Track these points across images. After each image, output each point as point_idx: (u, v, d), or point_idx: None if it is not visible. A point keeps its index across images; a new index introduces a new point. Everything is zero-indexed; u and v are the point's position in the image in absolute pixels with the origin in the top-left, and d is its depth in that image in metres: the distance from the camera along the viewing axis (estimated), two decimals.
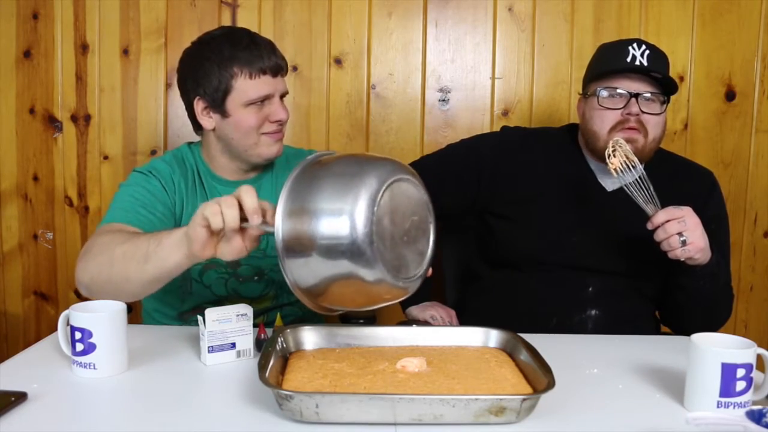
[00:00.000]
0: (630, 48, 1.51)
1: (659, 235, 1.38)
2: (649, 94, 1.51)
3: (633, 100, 1.50)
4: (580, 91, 1.65)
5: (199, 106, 1.48)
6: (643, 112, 1.51)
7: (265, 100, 1.46)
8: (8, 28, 2.10)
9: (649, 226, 1.38)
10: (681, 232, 1.36)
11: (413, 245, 1.11)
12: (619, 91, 1.51)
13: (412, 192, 1.11)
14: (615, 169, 1.42)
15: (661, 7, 2.08)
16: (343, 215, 1.01)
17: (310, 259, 1.03)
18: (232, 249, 1.12)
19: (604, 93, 1.53)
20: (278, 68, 1.47)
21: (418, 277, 1.11)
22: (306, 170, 1.10)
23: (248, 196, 1.09)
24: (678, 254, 1.37)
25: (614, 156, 1.42)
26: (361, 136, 2.12)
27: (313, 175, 1.07)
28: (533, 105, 2.12)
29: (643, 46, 1.51)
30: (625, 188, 1.41)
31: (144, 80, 2.11)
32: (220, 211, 1.08)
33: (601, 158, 1.50)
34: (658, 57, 1.53)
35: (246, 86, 1.44)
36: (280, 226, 1.04)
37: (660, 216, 1.37)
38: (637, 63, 1.50)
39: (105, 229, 1.37)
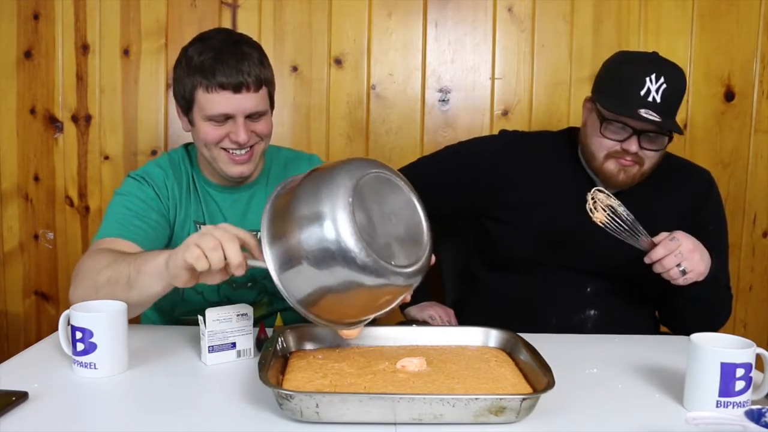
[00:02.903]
0: (647, 80, 1.44)
1: (657, 269, 1.37)
2: (653, 134, 1.48)
3: (634, 137, 1.47)
4: (590, 94, 1.60)
5: (177, 106, 1.48)
6: (643, 148, 1.48)
7: (226, 118, 1.39)
8: (9, 28, 2.10)
9: (647, 261, 1.37)
10: (679, 263, 1.35)
11: (407, 236, 1.09)
12: (622, 125, 1.48)
13: (386, 183, 1.10)
14: (601, 222, 1.37)
15: (661, 8, 2.08)
16: (322, 217, 1.00)
17: (301, 268, 1.02)
18: (215, 278, 1.12)
19: (608, 124, 1.49)
20: (239, 85, 1.36)
21: (420, 267, 1.07)
22: (279, 195, 1.12)
23: (231, 246, 1.07)
24: (680, 283, 1.37)
25: (596, 210, 1.37)
26: (361, 136, 2.12)
27: (287, 196, 1.09)
28: (533, 105, 2.12)
29: (662, 80, 1.44)
30: (612, 233, 1.38)
31: (144, 81, 2.12)
32: (204, 255, 1.07)
33: (597, 172, 1.55)
34: (673, 92, 1.47)
35: (204, 100, 1.38)
36: (269, 258, 1.05)
37: (658, 252, 1.35)
38: (650, 99, 1.44)
39: (96, 247, 1.36)
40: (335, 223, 0.99)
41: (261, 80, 1.40)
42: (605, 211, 1.36)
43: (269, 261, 1.05)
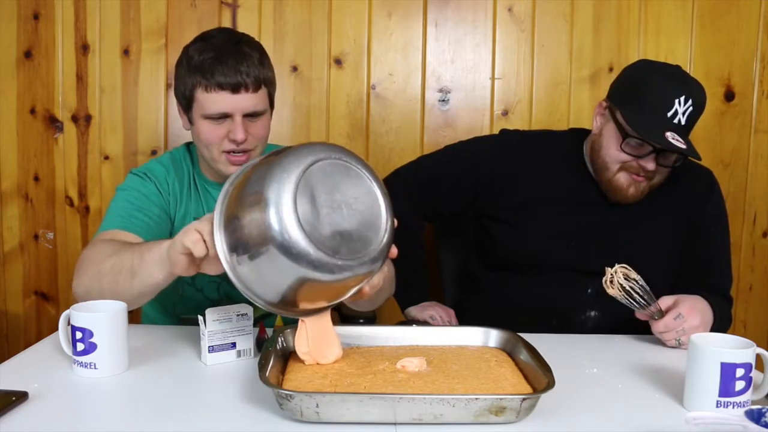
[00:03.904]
0: (676, 101, 1.43)
1: (655, 335, 1.37)
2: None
3: (653, 155, 1.47)
4: (603, 99, 1.59)
5: (178, 104, 1.49)
6: (659, 165, 1.49)
7: (224, 117, 1.40)
8: (9, 28, 2.10)
9: (651, 327, 1.38)
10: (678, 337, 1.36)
11: (360, 227, 1.05)
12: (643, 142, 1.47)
13: (343, 170, 1.06)
14: (613, 295, 1.36)
15: (661, 8, 2.08)
16: (264, 203, 0.99)
17: (246, 252, 1.02)
18: (216, 267, 1.11)
19: (630, 140, 1.48)
20: (238, 85, 1.37)
21: (369, 259, 1.05)
22: (237, 177, 1.11)
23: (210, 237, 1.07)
24: (672, 346, 1.37)
25: (611, 288, 1.35)
26: (361, 136, 2.12)
27: (243, 179, 1.08)
28: (533, 105, 2.12)
29: (689, 102, 1.44)
30: (621, 300, 1.37)
31: (144, 80, 2.12)
32: (203, 240, 1.06)
33: (605, 183, 1.55)
34: (697, 114, 1.47)
35: (203, 98, 1.39)
36: (219, 240, 1.05)
37: (658, 327, 1.36)
38: (676, 121, 1.44)
39: (99, 239, 1.37)
40: (276, 211, 0.98)
41: (260, 80, 1.41)
42: (621, 291, 1.34)
43: (218, 244, 1.05)
